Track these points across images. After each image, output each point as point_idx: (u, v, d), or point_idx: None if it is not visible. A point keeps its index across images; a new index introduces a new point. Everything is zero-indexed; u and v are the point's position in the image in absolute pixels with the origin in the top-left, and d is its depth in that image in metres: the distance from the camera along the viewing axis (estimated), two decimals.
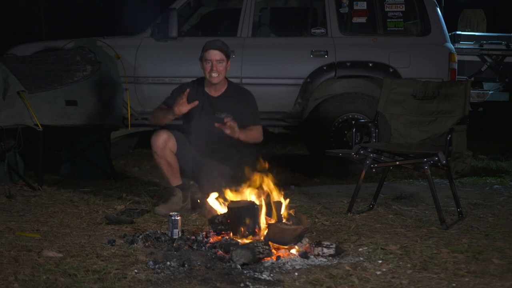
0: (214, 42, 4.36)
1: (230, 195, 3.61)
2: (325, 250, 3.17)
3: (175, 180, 4.32)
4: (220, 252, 3.17)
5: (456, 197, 4.09)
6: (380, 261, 3.07)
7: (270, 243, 3.20)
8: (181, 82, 4.67)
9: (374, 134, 4.39)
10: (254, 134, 4.35)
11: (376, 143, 4.33)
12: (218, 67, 4.28)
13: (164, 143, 4.20)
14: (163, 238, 3.43)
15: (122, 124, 5.93)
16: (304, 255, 3.15)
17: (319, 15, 6.45)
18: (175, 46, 6.03)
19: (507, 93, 6.70)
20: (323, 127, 5.95)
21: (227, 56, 4.34)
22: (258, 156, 3.73)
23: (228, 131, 4.09)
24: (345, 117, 5.94)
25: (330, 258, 3.14)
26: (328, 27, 6.03)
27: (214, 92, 4.40)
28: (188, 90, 4.18)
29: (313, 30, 6.08)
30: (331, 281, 2.79)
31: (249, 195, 3.56)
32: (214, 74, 4.29)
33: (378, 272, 2.92)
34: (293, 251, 3.22)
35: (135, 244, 3.36)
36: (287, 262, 3.05)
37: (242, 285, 2.76)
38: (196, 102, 4.18)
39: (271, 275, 2.90)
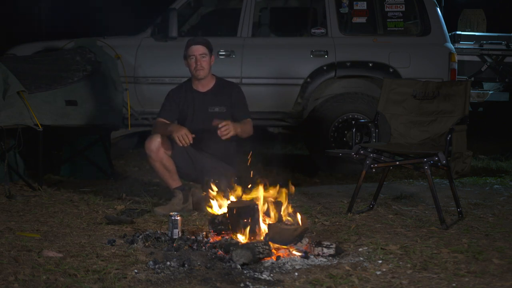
0: (195, 38, 4.47)
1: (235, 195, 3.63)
2: (325, 250, 3.17)
3: (174, 182, 4.33)
4: (220, 252, 3.17)
5: (456, 197, 4.09)
6: (380, 261, 3.07)
7: (270, 243, 3.19)
8: (181, 82, 4.67)
9: (374, 134, 4.39)
10: (248, 128, 4.39)
11: (376, 143, 4.33)
12: (202, 62, 4.35)
13: (158, 146, 4.21)
14: (163, 238, 3.43)
15: (122, 124, 5.93)
16: (304, 255, 3.15)
17: (319, 15, 6.45)
18: (175, 46, 6.02)
19: (507, 93, 6.70)
20: (323, 127, 5.95)
21: (210, 50, 4.39)
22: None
23: (225, 133, 4.10)
24: (345, 117, 5.95)
25: (330, 258, 3.14)
26: (328, 27, 6.03)
27: (203, 88, 4.45)
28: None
29: (313, 30, 6.08)
30: (331, 281, 2.79)
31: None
32: (200, 68, 4.35)
33: (378, 272, 2.92)
34: (293, 251, 3.22)
35: (135, 244, 3.36)
36: (287, 262, 3.05)
37: (242, 285, 2.76)
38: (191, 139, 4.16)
39: (271, 275, 2.89)
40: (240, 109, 4.44)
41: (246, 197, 3.57)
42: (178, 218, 3.47)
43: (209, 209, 3.71)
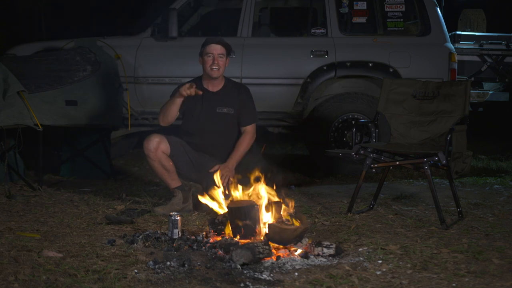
0: (216, 37, 4.42)
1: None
2: (325, 250, 3.17)
3: (173, 182, 4.33)
4: (220, 252, 3.17)
5: (456, 197, 4.09)
6: (380, 261, 3.07)
7: (270, 243, 3.20)
8: (181, 82, 4.67)
9: (374, 134, 4.39)
10: (247, 143, 4.38)
11: (376, 143, 4.33)
12: (219, 61, 4.32)
13: (156, 146, 4.21)
14: (163, 238, 3.43)
15: (122, 124, 5.93)
16: (304, 255, 3.15)
17: (319, 15, 6.45)
18: (175, 46, 6.04)
19: (507, 93, 6.69)
20: (323, 127, 5.95)
21: (228, 52, 4.37)
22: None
23: (226, 181, 4.13)
24: (345, 117, 5.95)
25: (330, 258, 3.14)
26: (328, 27, 6.03)
27: (213, 88, 4.43)
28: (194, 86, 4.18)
29: (313, 30, 6.08)
30: (331, 281, 2.79)
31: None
32: (215, 68, 4.32)
33: (378, 272, 2.92)
34: (293, 251, 3.22)
35: (135, 244, 3.36)
36: (287, 262, 3.05)
37: (242, 285, 2.76)
38: (200, 92, 4.18)
39: (271, 275, 2.89)
40: (247, 112, 4.43)
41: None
42: (178, 218, 3.47)
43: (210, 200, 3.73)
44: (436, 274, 2.88)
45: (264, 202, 3.46)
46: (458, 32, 6.85)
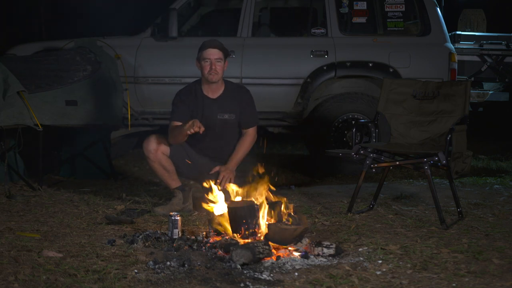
0: (212, 41, 4.32)
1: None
2: (325, 250, 3.17)
3: (173, 182, 4.32)
4: (220, 252, 3.17)
5: (456, 197, 4.09)
6: (380, 261, 3.07)
7: (270, 243, 3.20)
8: (181, 82, 4.67)
9: (374, 134, 4.39)
10: (248, 145, 4.36)
11: (376, 143, 4.33)
12: (216, 66, 4.24)
13: (156, 147, 4.20)
14: (163, 238, 3.43)
15: (122, 124, 5.93)
16: (304, 255, 3.15)
17: (319, 15, 6.45)
18: (175, 46, 6.04)
19: (507, 93, 6.69)
20: (323, 127, 5.95)
21: (225, 56, 4.32)
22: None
23: (227, 183, 4.10)
24: (345, 117, 5.95)
25: (330, 258, 3.14)
26: (328, 27, 6.03)
27: (213, 94, 4.37)
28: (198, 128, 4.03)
29: (313, 30, 6.08)
30: (331, 281, 2.79)
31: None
32: (213, 73, 4.25)
33: (378, 272, 2.92)
34: (293, 251, 3.22)
35: (135, 244, 3.36)
36: (287, 262, 3.05)
37: (242, 285, 2.76)
38: (203, 129, 4.04)
39: (271, 275, 2.90)
40: (247, 115, 4.39)
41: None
42: (178, 218, 3.47)
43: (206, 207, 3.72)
44: (436, 274, 2.88)
45: (263, 202, 3.47)
46: (458, 32, 6.85)
